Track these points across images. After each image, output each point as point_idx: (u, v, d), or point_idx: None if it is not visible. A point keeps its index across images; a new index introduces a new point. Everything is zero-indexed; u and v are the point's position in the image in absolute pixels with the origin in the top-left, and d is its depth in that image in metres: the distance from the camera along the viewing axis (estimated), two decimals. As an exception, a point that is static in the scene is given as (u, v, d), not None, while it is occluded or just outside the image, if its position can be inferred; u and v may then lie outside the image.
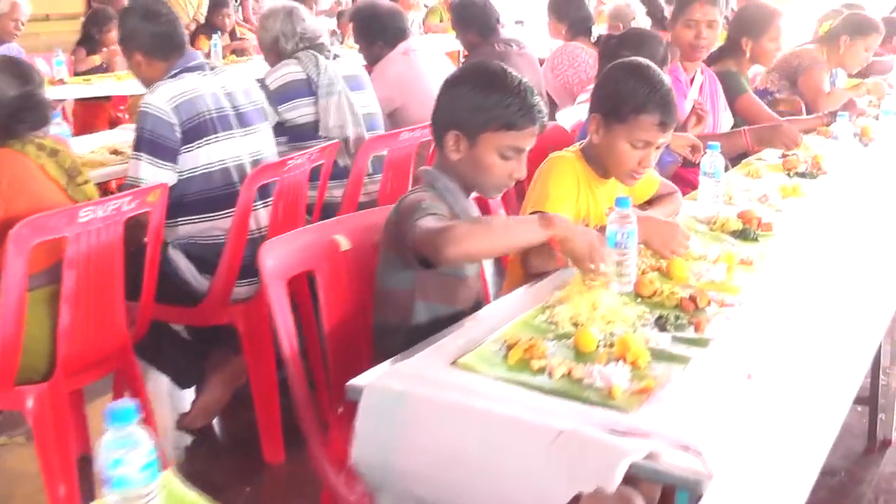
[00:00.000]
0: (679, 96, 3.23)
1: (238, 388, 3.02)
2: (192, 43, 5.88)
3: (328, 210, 3.14)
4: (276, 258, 1.95)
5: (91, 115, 5.67)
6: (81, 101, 5.65)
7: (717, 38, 3.48)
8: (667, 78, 2.19)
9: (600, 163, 2.23)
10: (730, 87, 3.68)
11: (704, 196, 2.48)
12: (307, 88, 3.35)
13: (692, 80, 3.46)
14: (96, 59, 5.90)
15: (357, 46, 4.21)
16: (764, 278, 2.05)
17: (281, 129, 3.35)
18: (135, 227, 2.45)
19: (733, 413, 1.46)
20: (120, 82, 5.41)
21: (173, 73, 2.84)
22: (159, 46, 2.88)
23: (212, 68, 2.98)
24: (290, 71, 3.37)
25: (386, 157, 3.29)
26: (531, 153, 1.99)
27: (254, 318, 2.87)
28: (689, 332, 1.74)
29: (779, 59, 4.03)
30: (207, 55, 5.63)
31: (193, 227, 2.86)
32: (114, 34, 5.39)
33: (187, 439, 3.06)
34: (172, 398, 3.30)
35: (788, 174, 2.99)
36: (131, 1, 3.21)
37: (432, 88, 3.98)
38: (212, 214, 2.85)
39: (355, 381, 1.56)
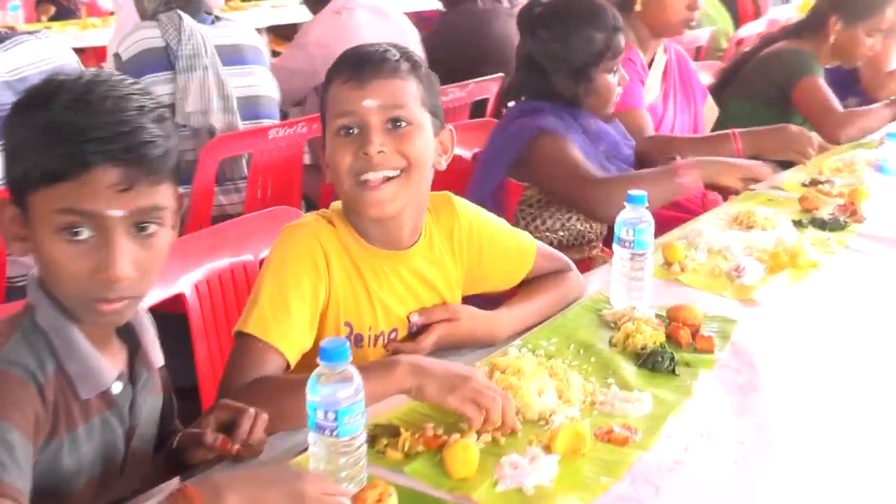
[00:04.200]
0: (634, 82, 2.39)
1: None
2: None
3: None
4: None
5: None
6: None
7: None
8: None
9: None
10: (792, 67, 2.78)
11: (617, 279, 1.52)
12: (164, 60, 2.51)
13: (651, 63, 2.59)
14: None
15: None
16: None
17: (135, 113, 2.53)
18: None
19: None
20: (84, 31, 4.71)
21: None
22: None
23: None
24: (144, 37, 2.52)
25: (251, 159, 2.44)
26: None
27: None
28: None
29: None
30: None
31: None
32: None
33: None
34: None
35: (801, 221, 1.95)
36: None
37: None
38: None
39: None
